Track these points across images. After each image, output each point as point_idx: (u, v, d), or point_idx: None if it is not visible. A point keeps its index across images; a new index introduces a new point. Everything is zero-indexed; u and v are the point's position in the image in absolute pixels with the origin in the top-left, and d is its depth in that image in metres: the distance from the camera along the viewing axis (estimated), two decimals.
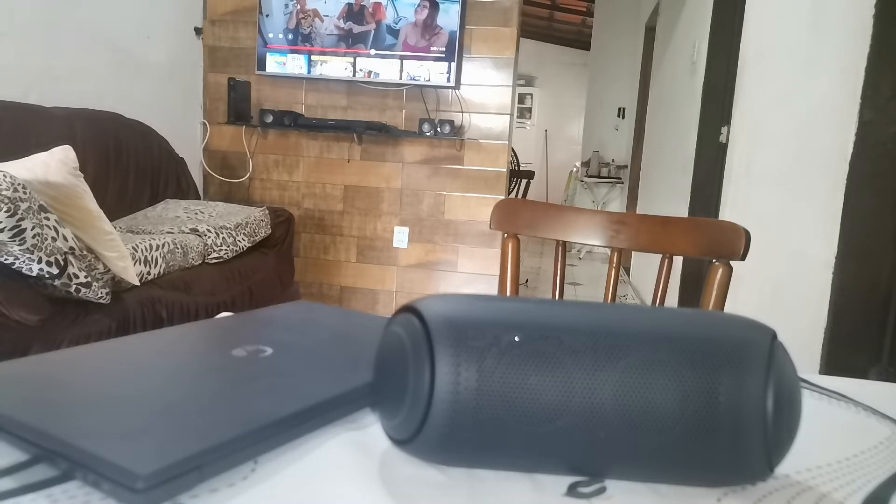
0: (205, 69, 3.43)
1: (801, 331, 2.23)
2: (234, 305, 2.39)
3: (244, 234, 2.54)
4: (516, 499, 0.38)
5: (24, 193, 1.47)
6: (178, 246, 2.19)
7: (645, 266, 4.26)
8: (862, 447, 0.49)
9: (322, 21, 3.16)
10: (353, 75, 3.18)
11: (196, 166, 3.37)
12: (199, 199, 3.04)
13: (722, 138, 2.51)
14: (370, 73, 3.17)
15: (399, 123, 3.29)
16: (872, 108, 2.08)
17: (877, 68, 2.07)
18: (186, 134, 3.33)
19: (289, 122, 3.18)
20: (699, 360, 0.38)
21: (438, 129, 3.12)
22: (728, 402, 0.37)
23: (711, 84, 2.84)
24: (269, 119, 3.20)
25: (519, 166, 6.53)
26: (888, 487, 0.43)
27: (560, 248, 1.13)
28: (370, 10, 3.13)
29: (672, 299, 3.16)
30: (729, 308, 0.92)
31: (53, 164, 1.70)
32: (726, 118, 2.45)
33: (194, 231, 2.38)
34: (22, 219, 1.46)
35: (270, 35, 3.20)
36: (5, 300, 1.52)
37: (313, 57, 3.19)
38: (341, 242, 3.43)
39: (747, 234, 0.96)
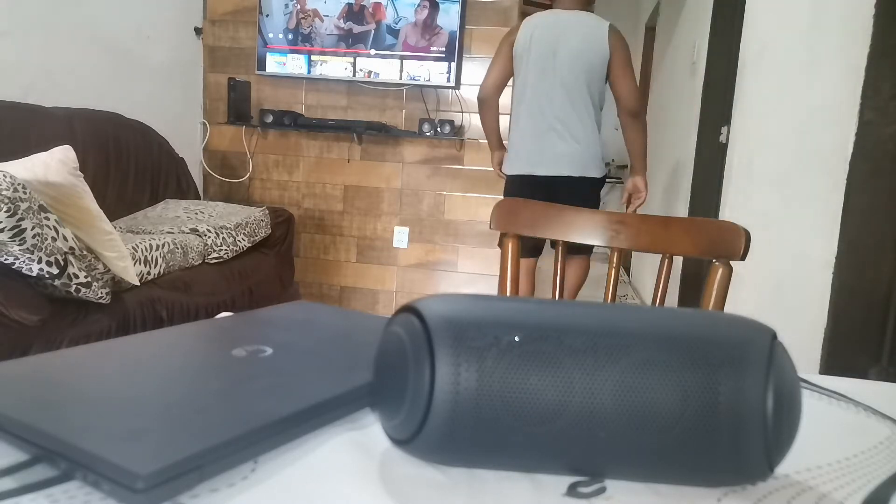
0: (205, 69, 3.43)
1: (801, 331, 2.23)
2: (234, 305, 2.39)
3: (244, 234, 2.54)
4: (516, 499, 0.38)
5: (24, 193, 1.47)
6: (178, 246, 2.19)
7: (645, 266, 4.26)
8: (862, 447, 0.49)
9: (322, 21, 3.16)
10: (353, 75, 3.18)
11: (196, 166, 3.37)
12: (199, 199, 3.04)
13: (722, 138, 2.51)
14: (370, 73, 3.17)
15: (399, 123, 3.29)
16: (872, 108, 2.08)
17: (877, 68, 2.06)
18: (186, 134, 3.33)
19: (289, 122, 3.19)
20: (699, 360, 0.38)
21: (438, 129, 3.12)
22: (728, 401, 0.37)
23: (711, 84, 2.84)
24: (269, 119, 3.20)
25: None
26: (888, 487, 0.43)
27: (560, 248, 1.12)
28: (370, 10, 3.13)
29: (672, 299, 3.16)
30: (729, 308, 0.92)
31: (53, 164, 1.70)
32: (726, 118, 2.45)
33: (194, 231, 2.38)
34: (22, 219, 1.46)
35: (270, 35, 3.20)
36: (5, 300, 1.52)
37: (313, 57, 3.19)
38: (341, 242, 3.43)
39: (747, 234, 0.96)
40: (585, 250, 2.65)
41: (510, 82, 2.54)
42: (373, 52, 3.15)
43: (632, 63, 2.44)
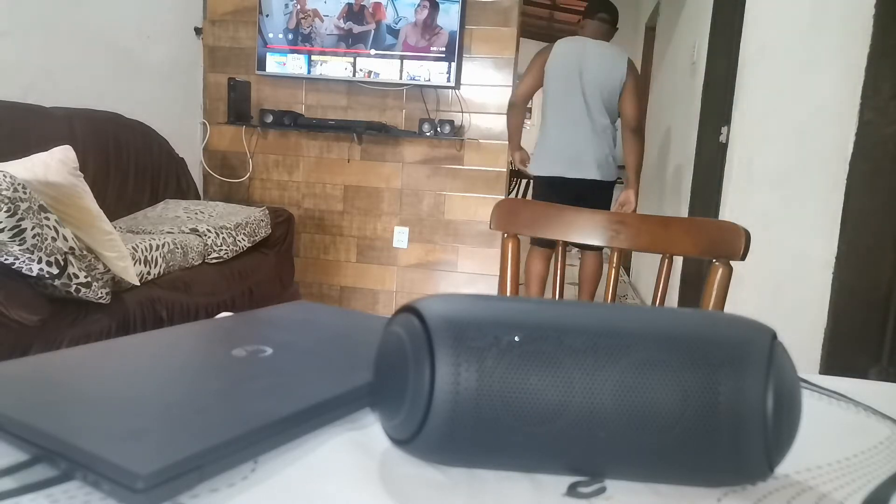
0: (205, 69, 3.43)
1: (801, 331, 2.23)
2: (234, 305, 2.39)
3: (244, 234, 2.54)
4: (516, 499, 0.38)
5: (24, 193, 1.47)
6: (178, 246, 2.19)
7: (645, 266, 4.26)
8: (862, 447, 0.49)
9: (322, 21, 3.17)
10: (353, 75, 3.18)
11: (196, 166, 3.37)
12: (199, 199, 3.04)
13: (722, 138, 2.51)
14: (370, 73, 3.17)
15: (399, 123, 3.29)
16: (872, 108, 2.08)
17: (877, 68, 2.07)
18: (186, 134, 3.33)
19: (289, 122, 3.18)
20: (699, 360, 0.38)
21: (438, 129, 3.12)
22: (728, 401, 0.37)
23: (711, 84, 2.84)
24: (269, 119, 3.20)
25: None
26: (888, 487, 0.43)
27: (560, 248, 1.13)
28: (370, 10, 3.13)
29: (672, 299, 3.16)
30: (729, 308, 0.92)
31: (53, 164, 1.70)
32: (726, 118, 2.45)
33: (194, 231, 2.38)
34: (22, 219, 1.46)
35: (270, 35, 3.20)
36: (5, 300, 1.52)
37: (313, 57, 3.19)
38: (341, 242, 3.43)
39: (747, 235, 0.96)
40: (598, 246, 2.89)
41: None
42: (373, 52, 3.15)
43: (640, 90, 2.94)
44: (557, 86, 2.85)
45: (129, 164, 2.62)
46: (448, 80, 3.10)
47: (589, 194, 2.85)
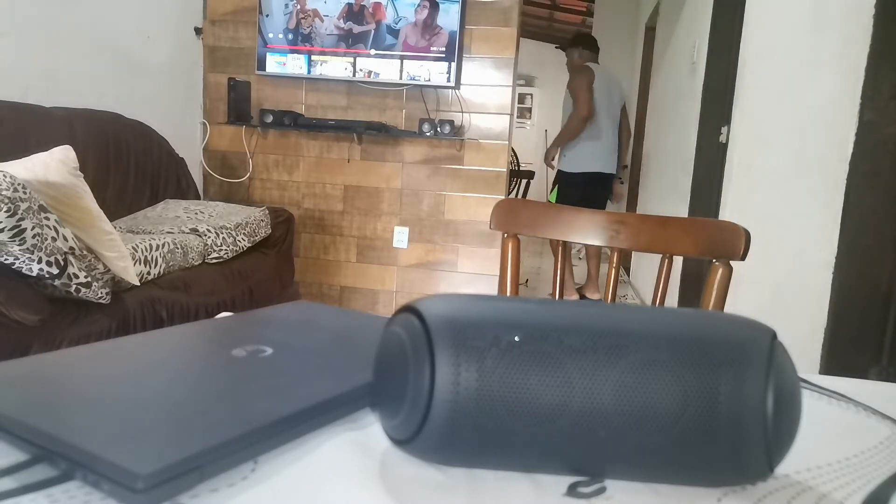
0: (205, 69, 3.43)
1: (801, 331, 2.23)
2: (234, 305, 2.39)
3: (244, 234, 2.54)
4: (516, 499, 0.38)
5: (24, 193, 1.47)
6: (178, 246, 2.19)
7: (645, 266, 4.26)
8: (862, 447, 0.49)
9: (322, 21, 3.16)
10: (353, 75, 3.18)
11: (196, 166, 3.37)
12: (199, 199, 3.04)
13: (722, 138, 2.52)
14: (370, 73, 3.17)
15: (399, 123, 3.29)
16: (872, 108, 2.08)
17: (877, 68, 2.07)
18: (186, 134, 3.33)
19: (289, 122, 3.18)
20: (699, 360, 0.38)
21: (438, 129, 3.11)
22: (728, 402, 0.37)
23: (711, 84, 2.84)
24: (269, 119, 3.20)
25: (519, 166, 6.53)
26: (888, 487, 0.43)
27: (560, 247, 1.13)
28: (370, 10, 3.13)
29: (672, 299, 3.16)
30: (729, 308, 0.92)
31: (53, 164, 1.70)
32: (726, 118, 2.45)
33: (194, 231, 2.38)
34: (22, 219, 1.46)
35: (270, 35, 3.20)
36: (5, 300, 1.52)
37: (313, 57, 3.19)
38: (341, 242, 3.43)
39: (747, 234, 0.96)
40: None
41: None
42: (373, 52, 3.15)
43: None
44: (599, 103, 3.90)
45: (129, 164, 2.62)
46: (448, 80, 3.10)
47: (604, 182, 4.06)
